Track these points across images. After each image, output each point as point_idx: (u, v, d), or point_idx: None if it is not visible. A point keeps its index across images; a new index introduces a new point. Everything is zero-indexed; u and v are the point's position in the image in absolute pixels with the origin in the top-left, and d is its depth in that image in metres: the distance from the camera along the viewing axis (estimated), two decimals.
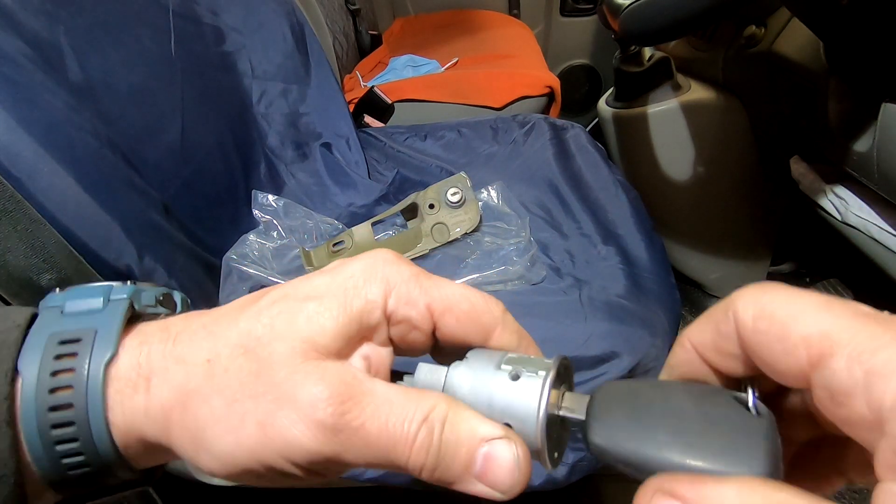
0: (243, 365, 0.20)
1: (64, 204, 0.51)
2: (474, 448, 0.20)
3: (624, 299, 0.67)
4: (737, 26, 0.96)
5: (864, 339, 0.15)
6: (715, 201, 1.17)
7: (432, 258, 0.77)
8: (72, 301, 0.22)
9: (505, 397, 0.21)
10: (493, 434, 0.20)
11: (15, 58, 0.52)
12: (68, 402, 0.20)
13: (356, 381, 0.20)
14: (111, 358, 0.21)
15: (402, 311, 0.22)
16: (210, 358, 0.21)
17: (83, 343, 0.21)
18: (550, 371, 0.21)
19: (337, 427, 0.19)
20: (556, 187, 0.85)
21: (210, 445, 0.20)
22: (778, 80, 0.91)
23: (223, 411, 0.20)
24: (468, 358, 0.22)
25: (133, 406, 0.21)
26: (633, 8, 0.72)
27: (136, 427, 0.21)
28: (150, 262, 0.57)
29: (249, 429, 0.19)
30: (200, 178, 0.75)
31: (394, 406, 0.20)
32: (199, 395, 0.20)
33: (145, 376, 0.21)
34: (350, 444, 0.19)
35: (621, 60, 1.12)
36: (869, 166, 0.70)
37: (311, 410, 0.19)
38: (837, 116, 0.77)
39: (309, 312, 0.21)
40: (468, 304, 0.22)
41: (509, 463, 0.20)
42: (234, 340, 0.21)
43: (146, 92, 0.69)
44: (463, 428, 0.20)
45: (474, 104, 1.17)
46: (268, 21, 0.92)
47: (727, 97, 1.04)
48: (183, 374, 0.20)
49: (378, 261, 0.23)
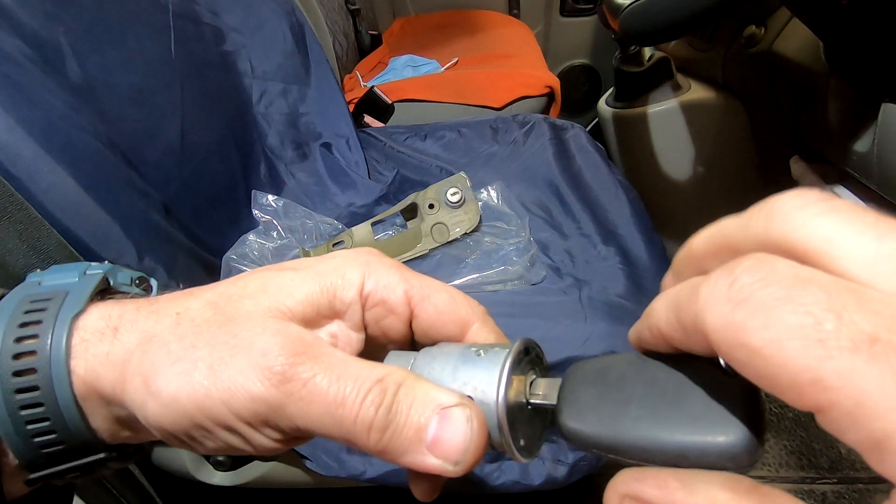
0: (210, 317, 0.20)
1: (64, 204, 0.51)
2: (429, 412, 0.19)
3: (624, 299, 0.67)
4: (737, 26, 0.96)
5: None
6: (715, 201, 1.17)
7: (432, 258, 0.77)
8: (49, 276, 0.23)
9: (468, 370, 0.20)
10: (451, 401, 0.19)
11: (15, 58, 0.52)
12: (32, 349, 0.20)
13: (315, 342, 0.20)
14: (79, 313, 0.21)
15: (379, 293, 0.22)
16: (180, 311, 0.21)
17: (53, 301, 0.21)
18: (515, 345, 0.21)
19: (285, 376, 0.19)
20: (556, 187, 0.85)
21: (159, 388, 0.20)
22: (778, 80, 0.91)
23: (178, 354, 0.20)
24: (439, 344, 0.22)
25: (96, 352, 0.21)
26: (633, 8, 0.72)
27: (95, 375, 0.21)
28: (150, 262, 0.57)
29: (201, 371, 0.19)
30: (200, 178, 0.75)
31: (349, 367, 0.19)
32: (160, 339, 0.20)
33: (114, 326, 0.21)
34: (296, 395, 0.19)
35: (621, 60, 1.12)
36: (869, 166, 0.70)
37: (262, 358, 0.19)
38: (837, 116, 0.77)
39: (283, 279, 0.21)
40: (447, 295, 0.23)
41: (463, 427, 0.19)
42: (207, 298, 0.21)
43: (146, 92, 0.69)
44: (419, 393, 0.19)
45: (474, 104, 1.17)
46: (268, 21, 0.92)
47: (727, 97, 1.04)
48: (152, 322, 0.21)
49: (362, 251, 0.23)
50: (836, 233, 0.14)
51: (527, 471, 0.60)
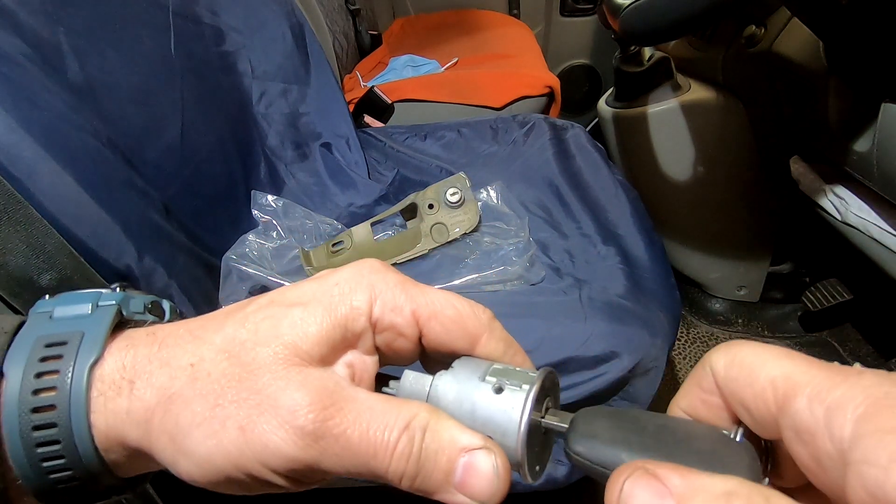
0: (226, 369, 0.20)
1: (64, 204, 0.51)
2: (455, 457, 0.20)
3: (624, 299, 0.67)
4: (737, 26, 0.96)
5: (822, 380, 0.16)
6: (715, 201, 1.17)
7: (431, 258, 0.77)
8: (60, 307, 0.23)
9: (487, 409, 0.21)
10: (474, 444, 0.20)
11: (15, 58, 0.52)
12: (51, 403, 0.20)
13: (338, 388, 0.20)
14: (96, 360, 0.21)
15: (387, 317, 0.22)
16: (194, 362, 0.21)
17: (69, 346, 0.21)
18: (534, 385, 0.21)
19: (317, 433, 0.19)
20: (556, 187, 0.85)
21: (190, 449, 0.20)
22: (778, 80, 0.91)
23: (204, 415, 0.20)
24: (454, 367, 0.22)
25: (116, 408, 0.20)
26: (633, 8, 0.72)
27: (118, 430, 0.20)
28: (150, 262, 0.57)
29: (230, 433, 0.19)
30: (200, 178, 0.75)
31: (375, 413, 0.20)
32: (181, 399, 0.20)
33: (129, 379, 0.21)
34: (330, 450, 0.19)
35: (621, 60, 1.12)
36: (869, 166, 0.70)
37: (291, 416, 0.19)
38: (837, 116, 0.77)
39: (293, 318, 0.21)
40: (453, 310, 0.23)
41: (489, 473, 0.20)
42: (219, 345, 0.21)
43: (146, 92, 0.69)
44: (444, 437, 0.20)
45: (474, 104, 1.17)
46: (268, 21, 0.92)
47: (727, 97, 1.04)
48: (166, 376, 0.21)
49: (364, 269, 0.23)
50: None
51: None
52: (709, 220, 1.20)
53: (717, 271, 1.26)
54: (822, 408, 0.15)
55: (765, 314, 1.27)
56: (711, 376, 0.19)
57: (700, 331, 1.27)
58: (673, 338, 0.70)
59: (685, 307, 1.31)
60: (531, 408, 0.20)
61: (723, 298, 1.29)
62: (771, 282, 1.25)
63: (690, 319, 1.30)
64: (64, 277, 0.48)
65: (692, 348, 1.24)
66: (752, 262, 1.23)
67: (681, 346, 1.24)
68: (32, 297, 0.46)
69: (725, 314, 1.28)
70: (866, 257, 0.82)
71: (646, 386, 0.63)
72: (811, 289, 1.15)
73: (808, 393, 0.16)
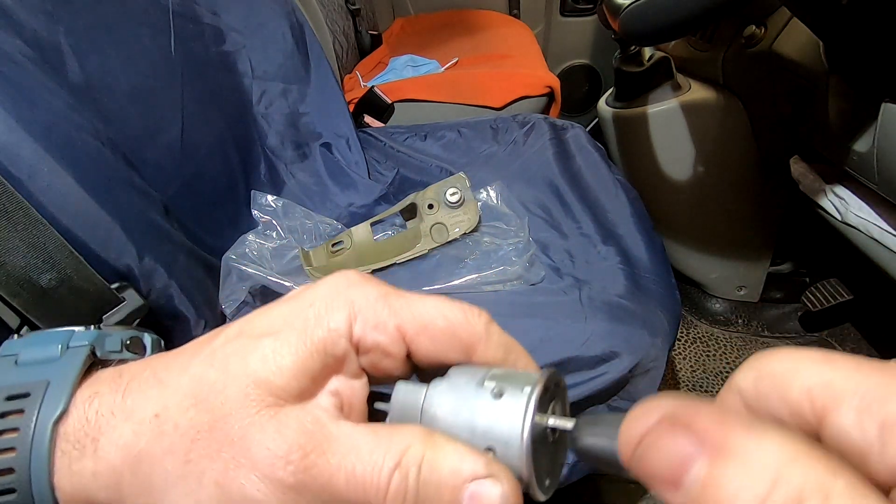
0: (194, 418, 0.18)
1: (64, 204, 0.51)
2: (458, 489, 0.18)
3: (624, 299, 0.67)
4: (737, 26, 0.96)
5: (872, 388, 0.13)
6: (715, 201, 1.17)
7: (431, 258, 0.77)
8: (27, 349, 0.21)
9: (487, 418, 0.19)
10: (477, 473, 0.18)
11: (15, 58, 0.52)
12: (9, 467, 0.19)
13: (318, 427, 0.18)
14: (60, 415, 0.19)
15: (370, 336, 0.20)
16: (158, 412, 0.19)
17: (32, 398, 0.19)
18: (536, 387, 0.19)
19: (300, 485, 0.17)
20: (556, 187, 0.85)
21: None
22: (778, 80, 0.91)
23: (177, 473, 0.18)
24: (449, 374, 0.20)
25: (81, 469, 0.19)
26: (633, 8, 0.72)
27: (85, 493, 0.19)
28: (150, 262, 0.57)
29: (208, 490, 0.18)
30: (200, 178, 0.75)
31: (361, 453, 0.18)
32: (149, 457, 0.18)
33: (93, 436, 0.19)
34: (317, 501, 0.18)
35: (621, 60, 1.12)
36: (869, 166, 0.70)
37: (269, 470, 0.17)
38: (837, 116, 0.77)
39: (264, 351, 0.19)
40: (444, 321, 0.20)
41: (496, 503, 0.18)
42: (185, 389, 0.19)
43: (146, 92, 0.69)
44: (444, 468, 0.18)
45: (474, 104, 1.17)
46: (268, 21, 0.92)
47: (727, 97, 1.04)
48: (130, 432, 0.19)
49: (341, 283, 0.21)
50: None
51: None
52: (709, 220, 1.20)
53: (717, 271, 1.26)
54: (874, 424, 0.12)
55: (765, 314, 1.27)
56: (737, 395, 0.16)
57: (700, 331, 1.27)
58: (673, 338, 0.70)
59: (685, 307, 1.31)
60: (534, 412, 0.18)
61: (723, 298, 1.29)
62: (771, 282, 1.25)
63: (690, 319, 1.30)
64: (64, 277, 0.48)
65: (692, 348, 1.24)
66: (752, 262, 1.23)
67: (681, 346, 1.24)
68: (32, 297, 0.47)
69: (725, 314, 1.29)
70: (866, 257, 0.82)
71: (646, 386, 0.63)
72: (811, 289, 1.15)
73: (857, 406, 0.13)
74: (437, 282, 0.71)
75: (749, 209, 1.16)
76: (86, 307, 0.50)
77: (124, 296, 0.54)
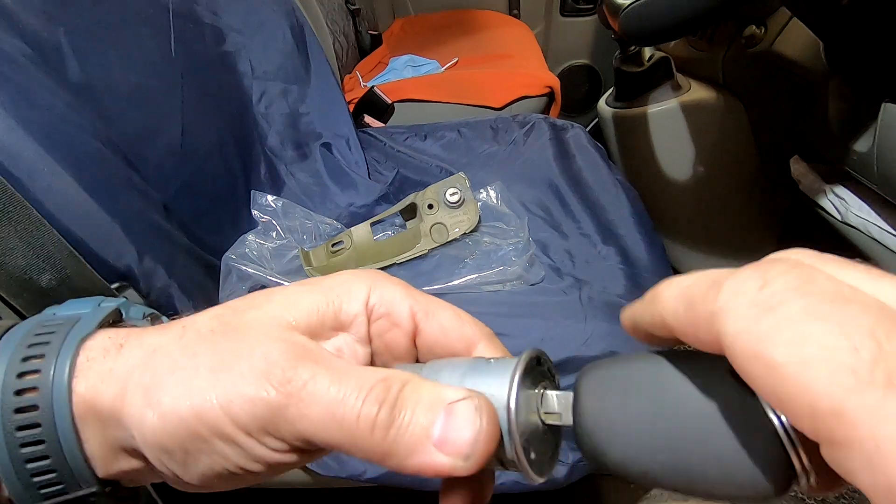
0: (215, 327, 0.20)
1: (64, 204, 0.51)
2: (436, 408, 0.18)
3: (624, 299, 0.67)
4: (737, 26, 0.96)
5: None
6: (715, 201, 1.17)
7: (431, 258, 0.77)
8: (64, 308, 0.23)
9: (476, 376, 0.19)
10: (458, 395, 0.18)
11: (15, 58, 0.52)
12: (37, 368, 0.20)
13: (318, 349, 0.20)
14: (87, 336, 0.21)
15: (383, 306, 0.22)
16: (185, 324, 0.21)
17: (63, 326, 0.21)
18: (526, 352, 0.20)
19: (285, 377, 0.18)
20: (556, 187, 0.85)
21: (158, 399, 0.19)
22: (778, 80, 0.91)
23: (181, 363, 0.19)
24: (446, 358, 0.22)
25: (100, 369, 0.20)
26: (633, 8, 0.72)
27: (94, 391, 0.20)
28: (150, 262, 0.57)
29: (200, 378, 0.19)
30: (200, 179, 0.75)
31: (351, 369, 0.19)
32: (163, 350, 0.20)
33: (119, 343, 0.21)
34: (296, 396, 0.18)
35: (621, 60, 1.12)
36: (869, 166, 0.70)
37: (262, 362, 0.19)
38: (837, 116, 0.77)
39: (289, 291, 0.22)
40: (454, 315, 0.22)
41: (471, 418, 0.18)
42: (214, 311, 0.21)
43: (146, 92, 0.69)
44: (425, 390, 0.19)
45: (474, 104, 1.17)
46: (268, 21, 0.92)
47: (727, 97, 1.04)
48: (157, 336, 0.21)
49: (368, 270, 0.23)
50: None
51: None
52: (709, 220, 1.20)
53: None
54: None
55: None
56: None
57: None
58: None
59: None
60: (523, 370, 0.19)
61: None
62: None
63: None
64: (64, 277, 0.48)
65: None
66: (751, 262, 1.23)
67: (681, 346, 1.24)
68: (32, 297, 0.46)
69: None
70: (866, 257, 0.82)
71: None
72: None
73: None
74: (437, 282, 0.71)
75: (749, 209, 1.16)
76: None
77: (124, 296, 0.54)
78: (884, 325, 0.11)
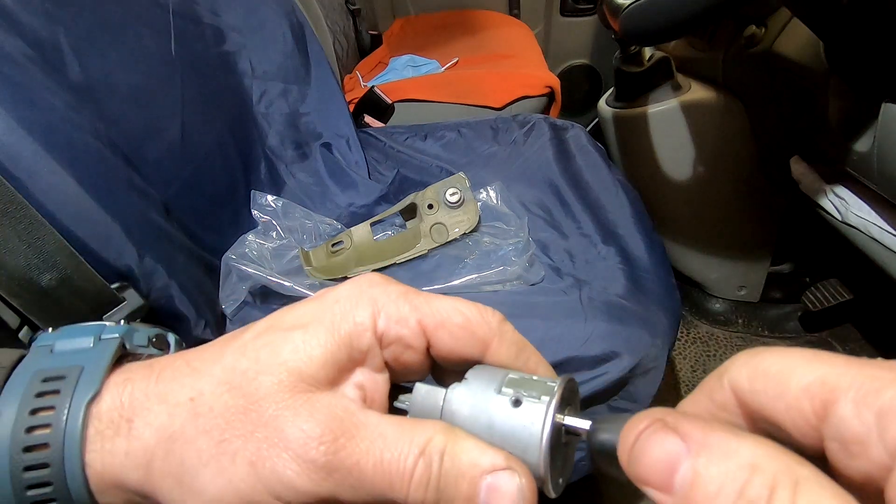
0: (228, 402, 0.19)
1: (64, 204, 0.51)
2: (476, 480, 0.19)
3: (624, 299, 0.67)
4: (737, 26, 0.96)
5: (866, 381, 0.14)
6: (715, 201, 1.17)
7: (431, 258, 0.77)
8: (62, 340, 0.22)
9: (505, 424, 0.20)
10: (496, 465, 0.19)
11: (15, 58, 0.52)
12: (44, 441, 0.19)
13: (347, 415, 0.19)
14: (94, 396, 0.20)
15: (393, 330, 0.21)
16: (193, 396, 0.20)
17: (67, 381, 0.20)
18: (554, 397, 0.20)
19: (330, 466, 0.18)
20: (557, 187, 0.85)
21: (199, 489, 0.19)
22: (778, 80, 0.91)
23: (211, 452, 0.19)
24: (467, 378, 0.21)
25: (113, 449, 0.20)
26: (633, 8, 0.72)
27: (115, 472, 0.20)
28: (150, 262, 0.57)
29: (241, 469, 0.19)
30: (200, 178, 0.75)
31: (388, 440, 0.19)
32: (182, 438, 0.19)
33: (127, 417, 0.20)
34: (345, 483, 0.19)
35: (621, 60, 1.11)
36: (869, 166, 0.70)
37: (302, 450, 0.18)
38: (837, 116, 0.77)
39: (295, 342, 0.20)
40: (461, 317, 0.21)
41: (514, 495, 0.19)
42: (219, 376, 0.20)
43: (146, 92, 0.69)
44: (464, 459, 0.19)
45: (474, 104, 1.17)
46: (268, 21, 0.92)
47: (727, 97, 1.04)
48: (165, 414, 0.20)
49: (363, 284, 0.22)
50: None
51: None
52: (709, 220, 1.20)
53: (717, 271, 1.26)
54: (871, 412, 0.14)
55: (765, 314, 1.27)
56: (728, 390, 0.17)
57: (700, 331, 1.27)
58: (673, 338, 0.70)
59: (685, 307, 1.31)
60: (552, 422, 0.19)
61: (723, 298, 1.29)
62: (771, 282, 1.25)
63: (690, 319, 1.30)
64: (64, 277, 0.48)
65: (692, 348, 1.24)
66: (752, 262, 1.23)
67: (681, 346, 1.24)
68: (32, 297, 0.47)
69: (725, 314, 1.29)
70: (866, 257, 0.82)
71: (646, 386, 0.63)
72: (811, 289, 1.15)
73: (853, 397, 0.14)
74: (437, 282, 0.71)
75: (749, 209, 1.16)
76: (86, 307, 0.50)
77: (124, 296, 0.54)
78: None
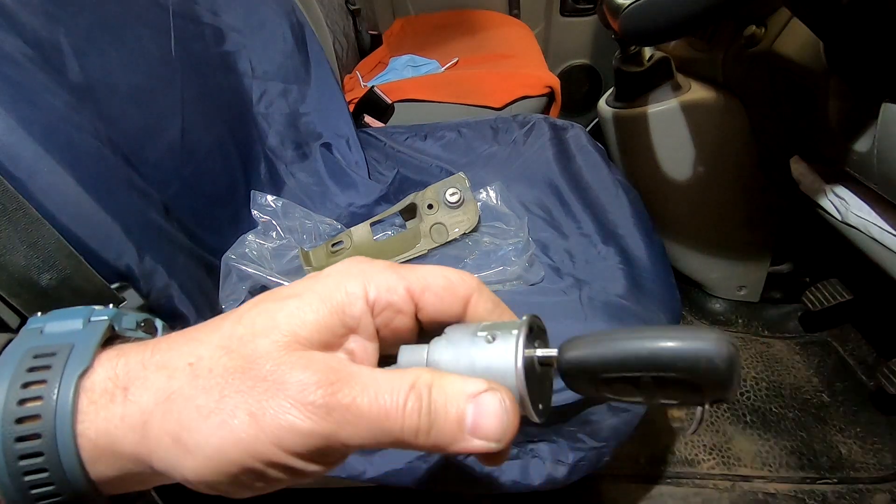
0: (227, 363, 0.20)
1: (64, 204, 0.51)
2: (463, 404, 0.21)
3: (624, 299, 0.67)
4: (737, 26, 0.96)
5: None
6: (715, 201, 1.17)
7: (431, 258, 0.77)
8: (52, 322, 0.22)
9: (483, 359, 0.22)
10: (479, 388, 0.21)
11: (15, 58, 0.52)
12: (36, 413, 0.19)
13: (342, 366, 0.21)
14: (85, 370, 0.20)
15: (384, 297, 0.23)
16: (192, 361, 0.20)
17: (58, 356, 0.20)
18: (522, 328, 0.23)
19: (329, 406, 0.20)
20: (557, 187, 0.85)
21: (198, 444, 0.19)
22: (778, 80, 0.91)
23: (211, 407, 0.19)
24: (446, 332, 0.24)
25: (109, 415, 0.20)
26: (633, 8, 0.72)
27: (110, 437, 0.20)
28: (150, 262, 0.57)
29: (241, 420, 0.19)
30: (200, 178, 0.75)
31: (380, 382, 0.21)
32: (182, 397, 0.20)
33: (122, 386, 0.20)
34: (344, 420, 0.20)
35: (621, 60, 1.11)
36: (869, 166, 0.70)
37: (301, 395, 0.20)
38: (837, 116, 0.77)
39: (290, 309, 0.22)
40: (444, 279, 0.24)
41: (497, 410, 0.21)
42: (216, 343, 0.21)
43: (146, 92, 0.69)
44: (449, 388, 0.21)
45: (474, 104, 1.17)
46: (268, 21, 0.92)
47: (727, 97, 1.04)
48: (164, 378, 0.20)
49: (353, 262, 0.24)
50: None
51: (527, 471, 0.60)
52: (709, 220, 1.20)
53: (717, 271, 1.26)
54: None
55: (765, 314, 1.27)
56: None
57: None
58: None
59: (685, 307, 1.31)
60: (523, 346, 0.22)
61: (723, 298, 1.29)
62: (771, 282, 1.25)
63: (690, 319, 1.30)
64: (64, 277, 0.48)
65: None
66: (752, 262, 1.23)
67: None
68: (32, 297, 0.46)
69: (725, 314, 1.29)
70: (866, 257, 0.82)
71: None
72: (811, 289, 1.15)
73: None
74: None
75: (749, 209, 1.16)
76: None
77: (124, 296, 0.54)
78: None
